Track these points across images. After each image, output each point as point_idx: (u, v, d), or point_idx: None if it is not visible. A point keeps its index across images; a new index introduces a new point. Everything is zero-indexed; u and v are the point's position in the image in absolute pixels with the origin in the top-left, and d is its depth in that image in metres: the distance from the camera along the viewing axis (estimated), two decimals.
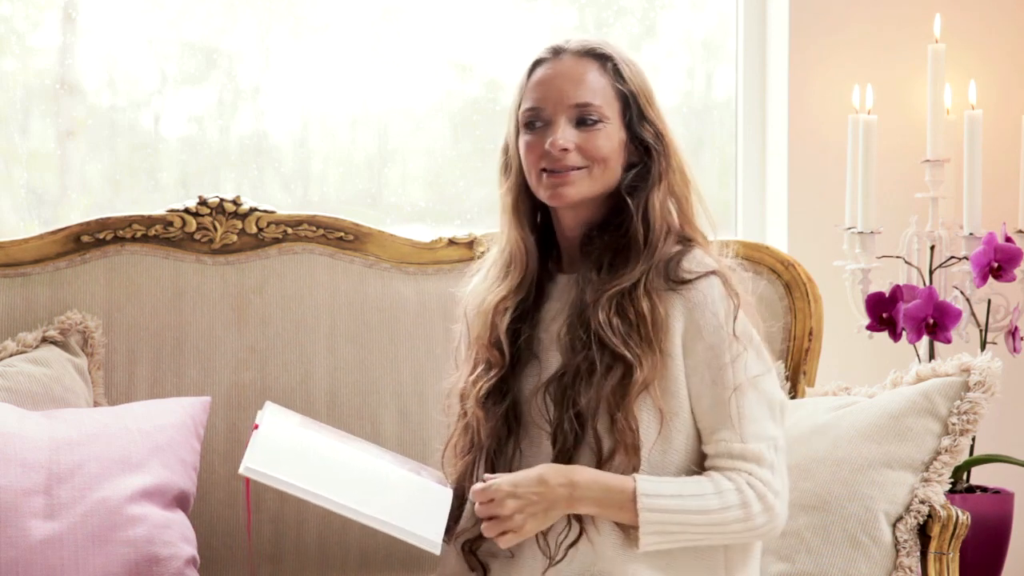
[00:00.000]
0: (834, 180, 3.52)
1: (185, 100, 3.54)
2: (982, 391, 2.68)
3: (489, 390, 2.38)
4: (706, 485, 2.29)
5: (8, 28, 3.47)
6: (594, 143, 2.34)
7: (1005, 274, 3.23)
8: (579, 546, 2.29)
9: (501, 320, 2.39)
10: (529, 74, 2.39)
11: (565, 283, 2.40)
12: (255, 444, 2.31)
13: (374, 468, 2.42)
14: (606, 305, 2.30)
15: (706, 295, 2.30)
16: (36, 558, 2.48)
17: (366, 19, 3.57)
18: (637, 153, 2.37)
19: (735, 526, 2.29)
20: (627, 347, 2.28)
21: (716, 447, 2.31)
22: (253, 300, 2.95)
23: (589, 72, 2.35)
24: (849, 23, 3.58)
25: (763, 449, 2.30)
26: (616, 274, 2.32)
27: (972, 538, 2.98)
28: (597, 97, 2.34)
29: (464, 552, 2.36)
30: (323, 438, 2.44)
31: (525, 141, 2.37)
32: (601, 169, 2.34)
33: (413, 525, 2.28)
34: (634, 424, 2.28)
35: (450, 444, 2.45)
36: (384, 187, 3.60)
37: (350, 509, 2.26)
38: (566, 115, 2.34)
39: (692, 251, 2.34)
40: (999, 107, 3.59)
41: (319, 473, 2.32)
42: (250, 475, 2.25)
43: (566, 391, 2.31)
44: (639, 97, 2.37)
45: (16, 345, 2.83)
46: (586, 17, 3.70)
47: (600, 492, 2.26)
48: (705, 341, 2.31)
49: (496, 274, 2.44)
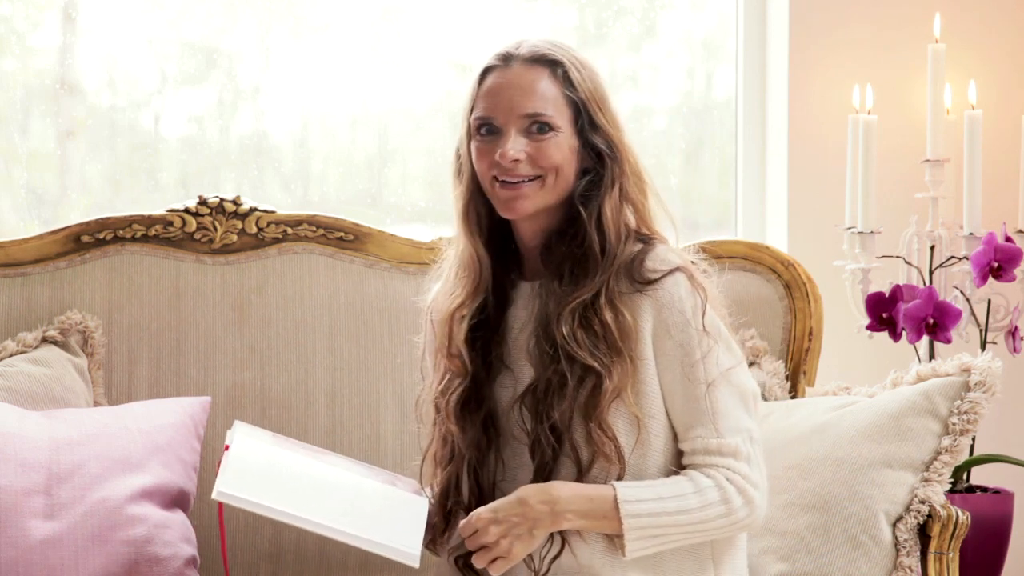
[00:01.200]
0: (834, 180, 3.52)
1: (185, 100, 3.54)
2: (982, 391, 2.68)
3: (462, 400, 2.37)
4: (685, 485, 2.29)
5: (8, 28, 3.47)
6: (545, 153, 2.31)
7: (1005, 274, 3.23)
8: (566, 558, 2.29)
9: (459, 328, 2.38)
10: (480, 81, 2.36)
11: (528, 291, 2.38)
12: (227, 467, 2.29)
13: (348, 483, 2.40)
14: (569, 318, 2.29)
15: (672, 293, 2.30)
16: (36, 558, 2.48)
17: (366, 19, 3.57)
18: (590, 159, 2.35)
19: (718, 522, 2.29)
20: (595, 358, 2.27)
21: (692, 444, 2.31)
22: (253, 300, 2.95)
23: (540, 80, 2.32)
24: (849, 23, 3.58)
25: (739, 442, 2.30)
26: (577, 285, 2.30)
27: (972, 538, 2.98)
28: (548, 106, 2.31)
29: (459, 566, 2.35)
30: (295, 456, 2.42)
31: (476, 147, 2.35)
32: (554, 178, 2.32)
33: (389, 539, 2.27)
34: (610, 432, 2.27)
35: (428, 454, 2.43)
36: (384, 187, 3.60)
37: (325, 527, 2.25)
38: (516, 125, 2.31)
39: (654, 249, 2.32)
40: (999, 107, 3.59)
41: (292, 493, 2.30)
42: (223, 499, 2.24)
43: (539, 405, 2.30)
44: (590, 104, 2.33)
45: (16, 345, 2.83)
46: (586, 17, 3.70)
47: (582, 504, 2.26)
48: (674, 339, 2.30)
49: (455, 281, 2.42)
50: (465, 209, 2.39)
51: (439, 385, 2.40)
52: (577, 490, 2.27)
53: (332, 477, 2.40)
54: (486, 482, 2.35)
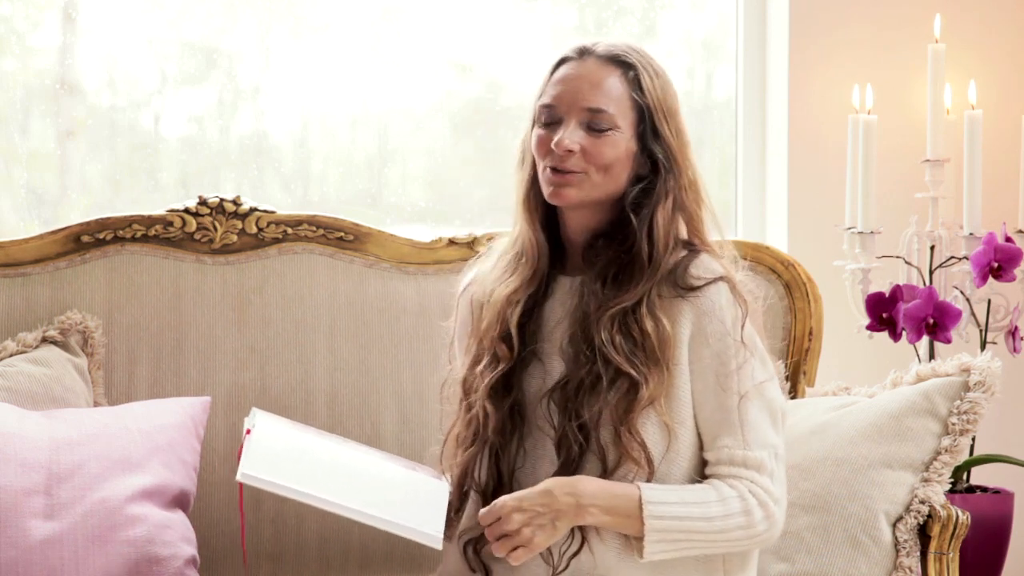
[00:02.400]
0: (834, 180, 3.52)
1: (185, 100, 3.54)
2: (982, 391, 2.68)
3: (494, 383, 2.37)
4: (709, 493, 2.29)
5: (8, 28, 3.47)
6: (599, 150, 2.32)
7: (1005, 274, 3.23)
8: (583, 556, 2.29)
9: (512, 314, 2.38)
10: (553, 70, 2.38)
11: (568, 286, 2.39)
12: (249, 449, 2.30)
13: (369, 466, 2.41)
14: (608, 323, 2.30)
15: (714, 302, 2.30)
16: (36, 558, 2.47)
17: (366, 19, 3.57)
18: (646, 166, 2.36)
19: (737, 533, 2.29)
20: (632, 365, 2.28)
21: (718, 454, 2.31)
22: (253, 300, 2.95)
23: (609, 78, 2.34)
24: (849, 23, 3.58)
25: (764, 457, 2.30)
26: (620, 290, 2.31)
27: (972, 538, 2.98)
28: (611, 105, 2.33)
29: (466, 553, 2.35)
30: (317, 440, 2.44)
31: (537, 135, 2.37)
32: (602, 175, 2.33)
33: (413, 521, 2.27)
34: (639, 438, 2.27)
35: (451, 434, 2.43)
36: (384, 187, 3.60)
37: (349, 509, 2.26)
38: (578, 117, 2.33)
39: (699, 256, 2.34)
40: (999, 107, 3.59)
41: (315, 475, 2.31)
42: (247, 481, 2.24)
43: (568, 402, 2.31)
44: (656, 111, 2.35)
45: (16, 345, 2.83)
46: (586, 17, 3.70)
47: (607, 500, 2.26)
48: (712, 348, 2.31)
49: (506, 266, 2.43)
50: (526, 195, 2.40)
51: (477, 366, 2.40)
52: (603, 486, 2.27)
53: (354, 460, 2.41)
54: (506, 468, 2.35)
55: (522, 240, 2.42)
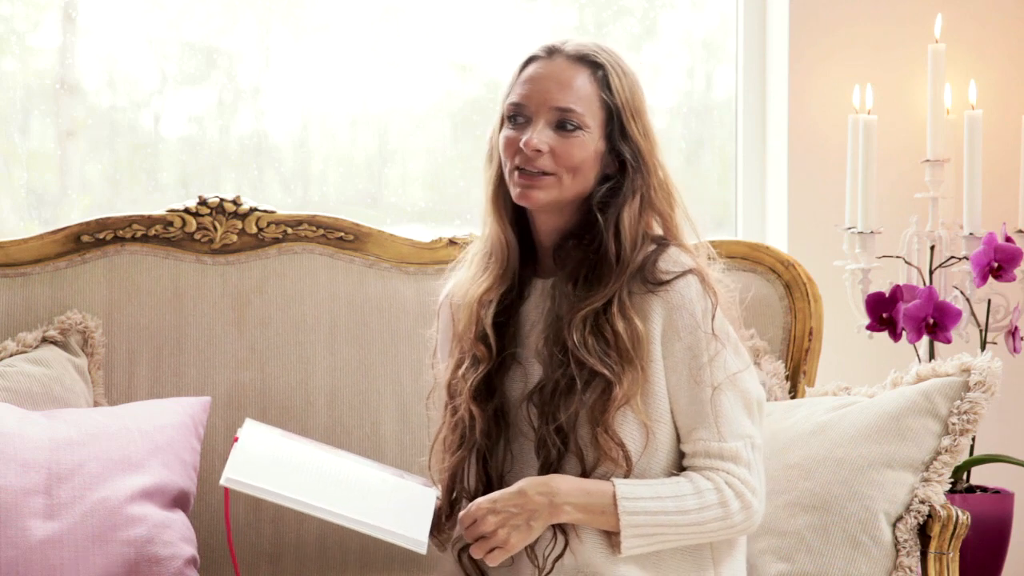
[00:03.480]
0: (834, 180, 3.52)
1: (185, 100, 3.54)
2: (982, 391, 2.68)
3: (477, 385, 2.37)
4: (685, 486, 2.29)
5: (8, 28, 3.47)
6: (568, 150, 2.32)
7: (1005, 274, 3.23)
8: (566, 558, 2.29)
9: (486, 313, 2.38)
10: (521, 69, 2.37)
11: (542, 289, 2.39)
12: (235, 455, 2.31)
13: (356, 472, 2.41)
14: (580, 325, 2.29)
15: (683, 295, 2.30)
16: (36, 558, 2.48)
17: (366, 19, 3.57)
18: (613, 166, 2.35)
19: (714, 524, 2.30)
20: (605, 365, 2.28)
21: (694, 446, 2.32)
22: (253, 300, 2.96)
23: (577, 78, 2.33)
24: (849, 23, 3.58)
25: (740, 448, 2.31)
26: (590, 291, 2.31)
27: (972, 538, 2.99)
28: (580, 104, 2.32)
29: (461, 560, 2.35)
30: (304, 447, 2.44)
31: (504, 135, 2.36)
32: (571, 177, 2.32)
33: (398, 526, 2.27)
34: (616, 438, 2.28)
35: (439, 439, 2.43)
36: (384, 187, 3.60)
37: (333, 513, 2.25)
38: (546, 117, 2.32)
39: (667, 250, 2.33)
40: (999, 107, 3.59)
41: (300, 480, 2.31)
42: (231, 485, 2.25)
43: (545, 405, 2.31)
44: (624, 111, 2.34)
45: (16, 345, 2.84)
46: (586, 17, 3.70)
47: (580, 497, 2.26)
48: (683, 341, 2.31)
49: (479, 266, 2.42)
50: (495, 193, 2.40)
51: (457, 370, 2.40)
52: (577, 484, 2.27)
53: (341, 467, 2.41)
54: (494, 472, 2.36)
55: (492, 239, 2.41)
